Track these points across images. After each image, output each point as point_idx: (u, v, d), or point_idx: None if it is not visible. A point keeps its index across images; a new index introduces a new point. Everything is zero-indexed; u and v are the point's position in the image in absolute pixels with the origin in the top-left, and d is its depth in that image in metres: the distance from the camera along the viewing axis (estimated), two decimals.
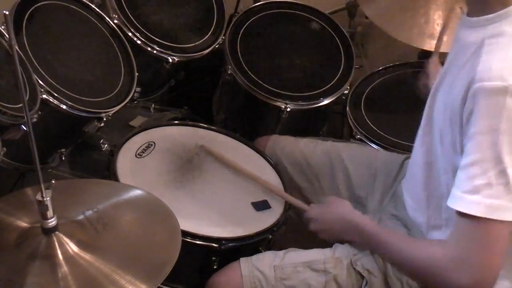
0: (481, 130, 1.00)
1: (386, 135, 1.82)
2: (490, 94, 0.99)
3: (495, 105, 0.99)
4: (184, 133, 1.61)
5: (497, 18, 1.06)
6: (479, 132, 1.00)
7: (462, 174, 1.04)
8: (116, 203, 1.10)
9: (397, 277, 1.25)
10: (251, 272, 1.27)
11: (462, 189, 1.03)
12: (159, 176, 1.43)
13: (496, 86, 0.98)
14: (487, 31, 1.07)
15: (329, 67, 1.93)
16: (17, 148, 1.36)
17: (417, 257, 1.12)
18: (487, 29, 1.07)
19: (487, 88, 0.99)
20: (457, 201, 1.04)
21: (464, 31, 1.14)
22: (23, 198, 1.04)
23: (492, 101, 0.99)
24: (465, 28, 1.14)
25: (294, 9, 2.02)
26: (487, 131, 0.99)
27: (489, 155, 0.99)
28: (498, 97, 0.98)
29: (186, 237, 1.26)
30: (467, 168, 1.02)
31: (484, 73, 1.00)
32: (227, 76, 1.84)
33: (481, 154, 1.00)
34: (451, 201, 1.06)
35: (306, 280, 1.26)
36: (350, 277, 1.26)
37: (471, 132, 1.02)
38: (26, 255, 0.94)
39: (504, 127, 0.98)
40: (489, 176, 0.99)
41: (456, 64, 1.14)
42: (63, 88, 1.44)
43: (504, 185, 0.99)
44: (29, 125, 0.90)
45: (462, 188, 1.03)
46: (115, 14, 1.70)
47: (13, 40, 1.31)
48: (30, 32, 1.45)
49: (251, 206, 1.42)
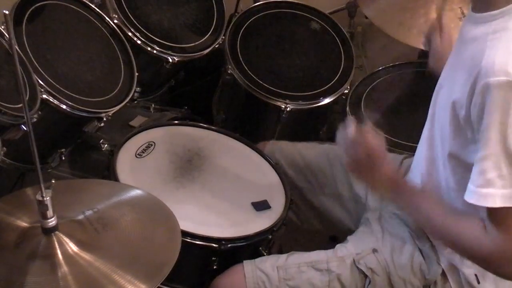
0: (490, 126, 1.02)
1: (386, 135, 1.82)
2: (496, 89, 1.00)
3: (501, 100, 1.00)
4: (184, 133, 1.61)
5: (501, 14, 1.07)
6: (488, 128, 1.02)
7: (475, 169, 1.06)
8: (116, 203, 1.10)
9: (400, 276, 1.25)
10: (255, 274, 1.27)
11: (476, 184, 1.05)
12: (159, 176, 1.43)
13: (501, 82, 0.99)
14: (491, 27, 1.07)
15: (329, 67, 1.93)
16: (17, 148, 1.36)
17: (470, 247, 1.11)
18: (491, 25, 1.07)
19: (492, 84, 1.00)
20: (472, 195, 1.06)
21: (468, 27, 1.15)
22: (23, 198, 1.05)
23: (498, 97, 1.00)
24: (470, 24, 1.14)
25: (294, 9, 2.02)
26: (495, 126, 1.01)
27: (499, 149, 1.01)
28: (504, 92, 0.99)
29: (186, 237, 1.26)
30: (480, 163, 1.04)
31: (488, 69, 1.02)
32: (227, 76, 1.84)
33: (491, 148, 1.02)
34: (467, 196, 1.07)
35: (310, 280, 1.26)
36: (354, 276, 1.27)
37: (481, 129, 1.03)
38: (26, 255, 0.94)
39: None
40: (500, 168, 1.02)
41: (460, 59, 1.14)
42: (63, 88, 1.44)
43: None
44: (29, 125, 0.90)
45: (476, 183, 1.05)
46: (115, 14, 1.70)
47: (13, 40, 1.31)
48: (30, 32, 1.45)
49: (251, 206, 1.42)
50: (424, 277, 1.25)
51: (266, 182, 1.52)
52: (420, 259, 1.26)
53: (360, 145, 1.19)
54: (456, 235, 1.13)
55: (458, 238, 1.12)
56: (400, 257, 1.27)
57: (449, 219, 1.15)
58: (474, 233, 1.09)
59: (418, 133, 1.37)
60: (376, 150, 1.20)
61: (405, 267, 1.26)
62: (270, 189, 1.49)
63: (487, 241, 1.07)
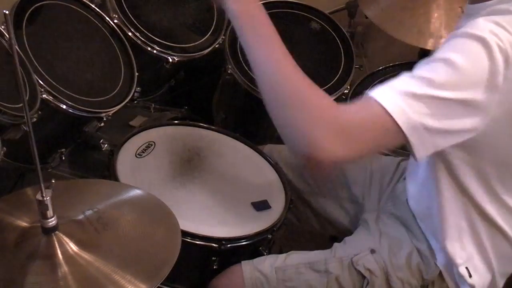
0: (437, 55, 0.98)
1: None
2: (463, 35, 0.97)
3: (462, 43, 0.96)
4: (184, 133, 1.61)
5: (497, 2, 1.04)
6: (435, 57, 0.98)
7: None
8: (116, 203, 1.10)
9: (398, 276, 1.25)
10: (253, 274, 1.27)
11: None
12: (159, 176, 1.43)
13: (474, 32, 0.95)
14: (483, 12, 1.04)
15: (329, 67, 1.92)
16: (17, 148, 1.36)
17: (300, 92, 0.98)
18: (484, 11, 1.04)
19: (463, 31, 0.97)
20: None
21: (463, 19, 1.13)
22: (23, 197, 1.04)
23: (461, 40, 0.97)
24: (465, 16, 1.13)
25: (294, 9, 2.01)
26: (441, 56, 0.97)
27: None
28: (469, 40, 0.95)
29: (186, 237, 1.26)
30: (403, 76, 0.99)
31: (467, 27, 0.98)
32: (227, 76, 1.84)
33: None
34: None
35: (308, 281, 1.27)
36: (352, 277, 1.27)
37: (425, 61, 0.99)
38: (26, 255, 0.94)
39: (460, 63, 0.94)
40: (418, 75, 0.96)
41: None
42: (63, 88, 1.44)
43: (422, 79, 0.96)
44: (29, 125, 0.90)
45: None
46: (115, 14, 1.70)
47: (13, 40, 1.31)
48: (30, 32, 1.45)
49: (251, 206, 1.42)
50: (422, 277, 1.25)
51: (266, 182, 1.52)
52: (418, 259, 1.26)
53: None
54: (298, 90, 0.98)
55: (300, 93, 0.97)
56: (398, 258, 1.27)
57: (300, 74, 1.00)
58: (322, 98, 0.99)
59: None
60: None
61: (403, 267, 1.26)
62: (270, 189, 1.49)
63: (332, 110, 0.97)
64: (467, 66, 0.94)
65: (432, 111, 0.95)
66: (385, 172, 1.52)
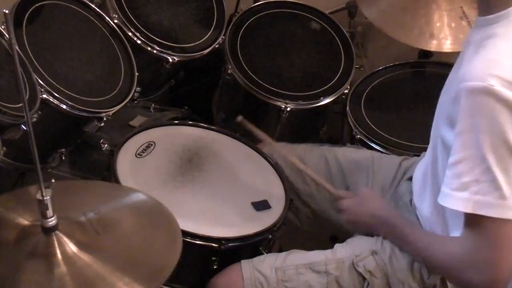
0: (464, 129, 1.03)
1: (386, 135, 1.82)
2: (471, 94, 1.01)
3: (475, 104, 1.01)
4: (184, 133, 1.61)
5: (495, 19, 1.07)
6: (463, 131, 1.03)
7: (449, 172, 1.06)
8: (117, 205, 1.10)
9: (399, 278, 1.25)
10: (252, 274, 1.27)
11: (451, 187, 1.05)
12: (159, 176, 1.43)
13: (476, 86, 1.00)
14: (485, 32, 1.07)
15: (329, 66, 1.92)
16: (17, 148, 1.36)
17: (438, 257, 1.14)
18: (486, 30, 1.07)
19: (468, 88, 1.01)
20: (446, 199, 1.06)
21: (473, 31, 1.15)
22: (25, 195, 1.04)
23: (473, 101, 1.01)
24: (474, 28, 1.15)
25: (294, 9, 2.02)
26: (469, 130, 1.02)
27: (474, 153, 1.01)
28: (478, 97, 1.00)
29: (186, 237, 1.26)
30: (455, 166, 1.05)
31: (467, 73, 1.03)
32: (227, 76, 1.84)
33: (466, 152, 1.03)
34: (441, 198, 1.08)
35: (308, 282, 1.26)
36: (352, 278, 1.26)
37: (456, 131, 1.04)
38: (25, 253, 0.94)
39: (484, 126, 1.00)
40: (475, 173, 1.02)
41: (458, 62, 1.14)
42: (63, 88, 1.44)
43: (490, 182, 1.01)
44: (29, 125, 0.90)
45: (451, 186, 1.05)
46: (115, 14, 1.70)
47: (13, 39, 1.31)
48: (30, 32, 1.45)
49: (251, 206, 1.42)
50: (424, 281, 1.25)
51: (266, 182, 1.52)
52: (419, 263, 1.26)
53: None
54: (427, 250, 1.17)
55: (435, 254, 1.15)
56: (399, 260, 1.26)
57: (428, 240, 1.19)
58: (447, 244, 1.13)
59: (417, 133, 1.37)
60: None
61: (404, 270, 1.25)
62: (270, 189, 1.49)
63: (457, 246, 1.10)
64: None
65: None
66: (387, 173, 1.51)
